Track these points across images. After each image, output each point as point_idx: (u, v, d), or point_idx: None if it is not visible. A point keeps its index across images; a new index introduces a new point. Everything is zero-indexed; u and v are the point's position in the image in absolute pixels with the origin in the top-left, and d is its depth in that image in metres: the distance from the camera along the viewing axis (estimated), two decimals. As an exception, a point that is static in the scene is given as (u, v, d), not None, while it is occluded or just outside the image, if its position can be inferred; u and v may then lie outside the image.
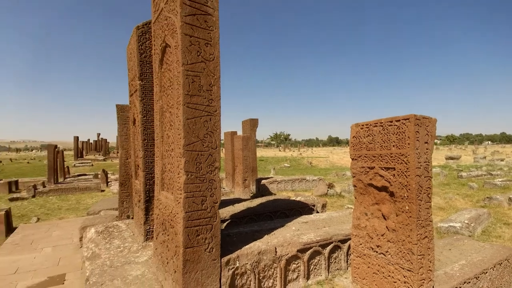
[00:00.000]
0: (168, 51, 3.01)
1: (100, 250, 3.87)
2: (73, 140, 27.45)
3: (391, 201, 2.56)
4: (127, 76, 4.69)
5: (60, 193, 10.91)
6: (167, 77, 3.11)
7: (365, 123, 2.71)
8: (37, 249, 4.88)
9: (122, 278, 3.02)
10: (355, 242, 2.91)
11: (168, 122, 3.13)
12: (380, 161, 2.56)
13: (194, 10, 2.64)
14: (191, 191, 2.69)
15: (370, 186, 2.73)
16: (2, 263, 4.31)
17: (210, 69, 2.78)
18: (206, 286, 2.74)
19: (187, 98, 2.66)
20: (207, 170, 2.80)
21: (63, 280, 3.71)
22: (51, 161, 12.81)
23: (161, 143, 3.32)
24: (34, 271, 4.01)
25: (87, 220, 5.29)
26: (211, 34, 2.77)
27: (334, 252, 3.63)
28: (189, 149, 2.69)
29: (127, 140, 5.35)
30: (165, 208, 3.10)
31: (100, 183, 12.17)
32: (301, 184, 10.98)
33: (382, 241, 2.65)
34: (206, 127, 2.79)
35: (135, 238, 4.26)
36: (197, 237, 2.72)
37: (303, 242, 3.38)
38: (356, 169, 2.82)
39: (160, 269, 3.13)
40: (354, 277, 2.94)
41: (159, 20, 3.14)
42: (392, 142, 2.45)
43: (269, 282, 3.19)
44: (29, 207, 8.97)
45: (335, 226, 4.01)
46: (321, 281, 3.48)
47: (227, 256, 2.94)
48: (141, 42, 3.92)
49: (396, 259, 2.53)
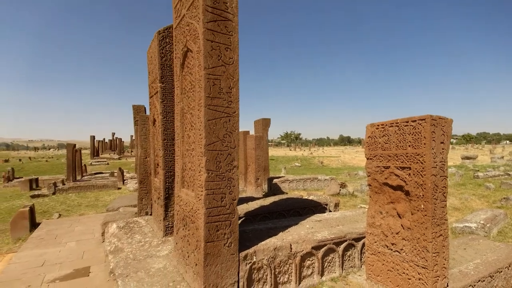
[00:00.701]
0: (190, 56, 3.15)
1: (122, 244, 4.07)
2: (90, 139, 28.28)
3: (407, 200, 2.62)
4: (147, 79, 4.88)
5: (79, 190, 11.33)
6: (188, 80, 3.25)
7: (381, 123, 2.78)
8: (62, 243, 5.15)
9: (145, 270, 3.20)
10: (370, 240, 2.98)
11: (188, 123, 3.28)
12: (396, 161, 2.63)
13: (215, 17, 2.77)
14: (212, 189, 2.83)
15: (385, 185, 2.79)
16: (29, 256, 4.58)
17: (229, 72, 2.91)
18: (225, 278, 2.87)
19: (208, 100, 2.80)
20: (226, 168, 2.93)
21: (88, 273, 3.93)
22: (70, 159, 13.31)
23: (182, 143, 3.47)
24: (60, 263, 4.25)
25: (108, 216, 5.53)
26: (231, 38, 2.89)
27: (348, 250, 3.70)
28: (210, 149, 2.82)
29: (146, 139, 5.56)
30: (186, 204, 3.26)
31: (116, 181, 12.56)
32: (312, 183, 11.02)
33: (397, 239, 2.71)
34: (226, 128, 2.92)
35: (155, 234, 4.45)
36: (217, 232, 2.85)
37: (317, 240, 3.47)
38: (371, 169, 2.89)
39: (180, 263, 3.29)
40: (369, 274, 3.01)
41: (181, 25, 3.29)
42: (408, 142, 2.51)
43: (285, 277, 3.30)
44: (50, 204, 9.36)
45: (349, 225, 4.07)
46: (335, 278, 3.56)
47: (245, 251, 3.06)
48: (161, 46, 4.09)
49: (411, 256, 2.59)
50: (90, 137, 28.41)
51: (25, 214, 6.26)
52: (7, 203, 9.77)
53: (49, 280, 3.72)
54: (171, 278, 3.04)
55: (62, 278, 3.76)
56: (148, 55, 4.76)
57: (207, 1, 2.71)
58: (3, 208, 8.95)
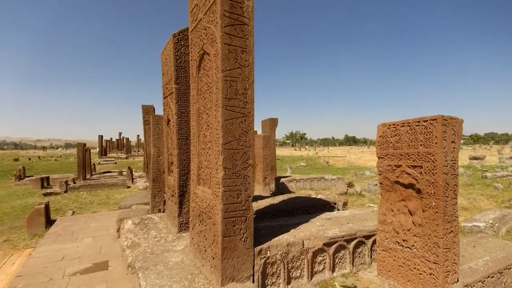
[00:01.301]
0: (206, 58, 3.28)
1: (139, 239, 4.22)
2: (98, 139, 28.70)
3: (418, 197, 2.71)
4: (161, 80, 5.02)
5: (90, 188, 11.58)
6: (205, 81, 3.38)
7: (392, 123, 2.87)
8: (78, 239, 5.33)
9: (163, 263, 3.33)
10: (381, 237, 3.07)
11: (205, 123, 3.41)
12: (407, 160, 2.72)
13: (232, 21, 2.88)
14: (228, 186, 2.95)
15: (396, 184, 2.88)
16: (49, 251, 4.76)
17: (245, 74, 3.03)
18: (241, 272, 2.99)
19: (225, 101, 2.92)
20: (242, 166, 3.05)
21: (106, 266, 4.09)
22: (80, 158, 13.59)
23: (198, 142, 3.60)
24: (79, 258, 4.42)
25: (123, 213, 5.69)
26: (247, 42, 3.01)
27: (358, 247, 3.79)
28: (227, 148, 2.94)
29: (159, 139, 5.71)
30: (202, 201, 3.38)
31: (126, 180, 12.79)
32: (319, 183, 11.10)
33: (408, 235, 2.80)
34: (241, 127, 3.04)
35: (169, 230, 4.59)
36: (233, 227, 2.97)
37: (328, 237, 3.57)
38: (383, 167, 2.98)
39: (197, 257, 3.42)
40: (380, 270, 3.10)
41: (197, 29, 3.42)
42: (420, 142, 2.60)
43: (297, 272, 3.41)
44: (63, 202, 9.60)
45: (359, 223, 4.16)
46: (345, 274, 3.66)
47: (259, 246, 3.18)
48: (176, 49, 4.22)
49: (422, 252, 2.68)
50: (98, 136, 28.83)
51: (41, 211, 6.46)
52: (20, 201, 10.04)
53: (70, 273, 3.89)
54: (189, 271, 3.17)
55: (82, 272, 3.92)
56: (162, 57, 4.91)
57: (224, 6, 2.83)
58: (17, 206, 9.21)
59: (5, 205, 9.42)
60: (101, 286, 3.50)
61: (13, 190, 12.79)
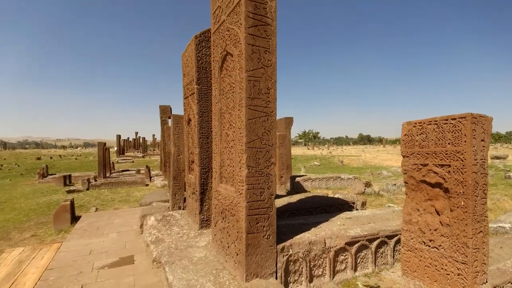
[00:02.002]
0: (229, 59, 3.34)
1: (162, 235, 4.35)
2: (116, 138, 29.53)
3: (445, 197, 2.67)
4: (182, 81, 5.14)
5: (110, 186, 11.95)
6: (227, 82, 3.45)
7: (418, 121, 2.84)
8: (104, 234, 5.54)
9: (188, 258, 3.43)
10: (406, 237, 3.04)
11: (227, 122, 3.48)
12: (434, 158, 2.68)
13: (256, 22, 2.93)
14: (252, 184, 3.00)
15: (422, 183, 2.85)
16: (77, 246, 4.98)
17: (268, 74, 3.07)
18: (264, 268, 3.04)
19: (248, 100, 2.97)
20: (264, 165, 3.09)
21: (132, 261, 4.24)
22: (101, 157, 14.04)
23: (220, 141, 3.68)
24: (106, 252, 4.60)
25: (145, 210, 5.87)
26: (270, 42, 3.04)
27: (380, 247, 3.76)
28: (250, 146, 3.00)
29: (179, 138, 5.84)
30: (225, 198, 3.45)
31: (144, 178, 13.11)
32: (335, 182, 11.00)
33: (435, 235, 2.76)
34: (264, 127, 3.08)
35: (191, 226, 4.70)
36: (257, 225, 3.02)
37: (350, 236, 3.57)
38: (408, 166, 2.95)
39: (220, 253, 3.50)
40: (405, 270, 3.07)
41: (220, 31, 3.48)
42: (448, 140, 2.56)
43: (319, 271, 3.43)
44: (85, 199, 9.97)
45: (381, 223, 4.13)
46: (368, 274, 3.64)
47: (282, 244, 3.22)
48: (198, 50, 4.31)
49: (450, 252, 2.64)
50: (117, 136, 29.65)
51: (67, 208, 6.75)
52: (44, 198, 10.50)
53: (98, 267, 4.06)
54: (213, 266, 3.25)
55: (110, 265, 4.08)
56: (183, 58, 5.02)
57: (248, 7, 2.88)
58: (42, 202, 9.64)
59: (31, 201, 9.88)
60: (129, 279, 3.63)
61: (37, 187, 13.37)
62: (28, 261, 4.55)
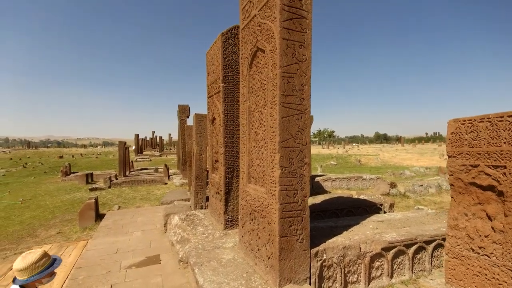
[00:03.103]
0: (260, 55, 3.22)
1: (188, 235, 4.30)
2: (134, 137, 30.18)
3: (499, 200, 2.44)
4: (206, 79, 5.08)
5: (131, 184, 12.16)
6: (257, 79, 3.33)
7: (468, 118, 2.62)
8: (129, 232, 5.58)
9: (217, 260, 3.35)
10: (452, 243, 2.83)
11: (256, 121, 3.37)
12: (487, 159, 2.46)
13: (291, 15, 2.80)
14: (285, 185, 2.87)
15: (471, 185, 2.63)
16: (103, 244, 5.03)
17: (302, 70, 2.93)
18: (298, 274, 2.91)
19: (282, 98, 2.84)
20: (298, 165, 2.96)
21: (159, 260, 4.22)
22: (121, 156, 14.33)
23: (248, 140, 3.57)
24: (132, 251, 4.61)
25: (168, 209, 5.87)
26: (305, 36, 2.90)
27: (418, 252, 3.55)
28: (283, 146, 2.87)
29: (202, 137, 5.80)
30: (254, 199, 3.35)
31: (163, 177, 13.27)
32: (357, 182, 10.70)
33: (486, 242, 2.54)
34: (298, 125, 2.95)
35: (215, 226, 4.64)
36: (290, 228, 2.90)
37: (387, 241, 3.38)
38: (455, 167, 2.74)
39: (248, 255, 3.40)
40: (449, 278, 2.86)
41: (250, 26, 3.37)
42: (503, 139, 2.34)
43: (354, 277, 3.26)
44: (108, 197, 10.16)
45: (416, 227, 3.90)
46: (405, 281, 3.44)
47: (315, 248, 3.08)
48: (224, 48, 4.23)
49: (503, 261, 2.42)
50: (135, 135, 30.28)
51: (92, 206, 6.87)
52: (68, 195, 10.79)
53: (126, 266, 4.06)
54: (243, 269, 3.15)
55: (137, 265, 4.08)
56: (208, 56, 4.96)
57: (284, 0, 2.75)
58: (66, 200, 9.90)
59: (55, 199, 10.17)
60: (157, 280, 3.60)
61: (61, 185, 13.79)
62: (57, 259, 4.63)
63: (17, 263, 1.85)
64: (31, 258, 1.87)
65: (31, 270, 1.84)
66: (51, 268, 1.95)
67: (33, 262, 1.86)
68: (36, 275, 1.86)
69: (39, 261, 1.88)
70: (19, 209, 8.55)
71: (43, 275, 1.89)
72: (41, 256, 1.91)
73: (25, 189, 12.66)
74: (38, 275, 1.86)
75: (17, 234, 6.10)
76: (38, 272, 1.87)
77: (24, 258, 1.87)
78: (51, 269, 1.95)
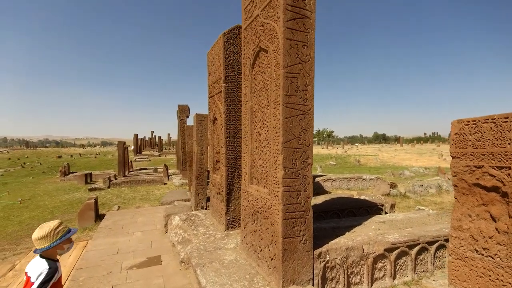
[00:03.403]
0: (263, 55, 3.21)
1: (189, 235, 4.28)
2: (133, 137, 30.10)
3: (503, 202, 2.44)
4: (207, 79, 5.06)
5: (130, 184, 12.11)
6: (260, 79, 3.31)
7: (472, 119, 2.61)
8: (129, 233, 5.55)
9: (219, 261, 3.33)
10: (455, 244, 2.82)
11: (259, 121, 3.35)
12: (491, 160, 2.46)
13: (294, 15, 2.78)
14: (288, 186, 2.86)
15: (475, 186, 2.63)
16: (104, 245, 4.99)
17: (306, 70, 2.91)
18: (301, 275, 2.90)
19: (285, 98, 2.82)
20: (301, 166, 2.94)
21: (160, 261, 4.19)
22: (120, 156, 14.29)
23: (251, 141, 3.55)
24: (133, 252, 4.58)
25: (168, 209, 5.85)
26: (308, 36, 2.89)
27: (420, 253, 3.54)
28: (287, 146, 2.85)
29: (202, 137, 5.77)
30: (256, 200, 3.33)
31: (162, 177, 13.23)
32: (357, 183, 10.69)
33: (490, 243, 2.54)
34: (301, 125, 2.93)
35: (216, 227, 4.62)
36: (293, 229, 2.88)
37: (390, 242, 3.37)
38: (458, 168, 2.73)
39: (251, 256, 3.38)
40: (452, 279, 2.86)
41: (252, 26, 3.36)
42: (508, 140, 2.33)
43: (357, 278, 3.25)
44: (107, 197, 10.11)
45: (418, 227, 3.90)
46: (407, 282, 3.43)
47: (318, 249, 3.07)
48: (226, 48, 4.21)
49: (508, 262, 2.41)
50: (134, 135, 30.21)
51: (91, 206, 6.83)
52: (67, 195, 10.73)
53: (127, 267, 4.04)
54: (246, 270, 3.14)
55: (138, 266, 4.05)
56: (209, 56, 4.93)
57: (287, 0, 2.74)
58: (65, 200, 9.85)
59: (54, 199, 10.12)
60: (158, 281, 3.58)
61: (59, 185, 13.73)
62: (57, 259, 4.60)
63: (37, 233, 1.98)
64: (50, 226, 2.01)
65: (52, 236, 1.98)
66: (68, 234, 2.09)
67: (53, 228, 2.00)
68: (57, 240, 1.99)
69: (58, 227, 2.03)
70: (18, 209, 8.50)
71: (63, 239, 2.03)
72: (59, 224, 2.06)
73: (24, 189, 12.59)
74: (59, 240, 2.00)
75: (16, 234, 6.06)
76: (59, 238, 2.01)
77: (42, 227, 2.01)
78: (69, 234, 2.10)
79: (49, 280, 1.92)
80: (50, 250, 2.00)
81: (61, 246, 2.04)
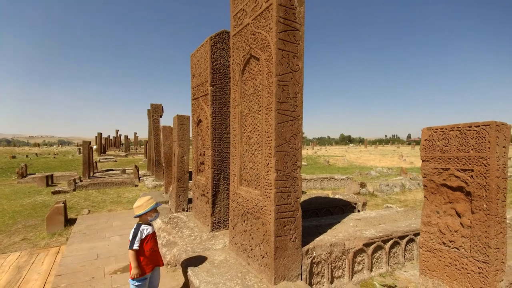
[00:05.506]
0: (254, 62, 3.34)
1: (174, 238, 4.27)
2: (97, 136, 28.45)
3: (467, 200, 2.82)
4: (190, 81, 5.06)
5: (98, 187, 11.52)
6: (250, 85, 3.44)
7: (440, 127, 2.97)
8: (106, 237, 5.35)
9: (209, 262, 3.40)
10: (425, 238, 3.18)
11: (249, 125, 3.47)
12: (457, 163, 2.82)
13: (285, 27, 2.95)
14: (280, 187, 3.02)
15: (443, 186, 2.99)
16: (80, 250, 4.78)
17: (296, 79, 3.10)
18: (291, 271, 3.08)
19: (278, 104, 2.98)
20: (291, 168, 3.12)
21: (144, 265, 4.12)
22: (85, 156, 13.50)
23: (240, 144, 3.66)
24: (114, 256, 4.45)
25: (148, 212, 5.72)
26: (298, 47, 3.08)
27: (393, 247, 3.91)
28: (279, 150, 3.02)
29: (184, 139, 5.74)
30: (247, 201, 3.45)
31: (133, 178, 12.75)
32: (329, 182, 11.23)
33: (456, 236, 2.91)
34: (291, 130, 3.11)
35: (201, 228, 4.65)
36: (284, 228, 3.05)
37: (367, 237, 3.68)
38: (428, 170, 3.08)
39: (241, 255, 3.49)
40: (423, 269, 3.21)
41: (243, 34, 3.47)
42: (471, 146, 2.71)
43: (339, 272, 3.51)
44: (74, 200, 9.55)
45: (390, 224, 4.28)
46: (382, 274, 3.77)
47: (306, 246, 3.27)
48: (213, 52, 4.27)
49: (471, 252, 2.79)
50: (98, 134, 28.58)
51: (60, 210, 6.45)
52: (28, 199, 9.95)
53: (110, 271, 3.92)
54: (237, 269, 3.24)
55: (122, 270, 3.96)
56: (193, 59, 4.94)
57: (280, 13, 2.90)
58: (26, 204, 9.13)
59: (14, 203, 9.34)
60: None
61: (17, 188, 12.65)
62: (28, 267, 4.33)
63: (137, 203, 2.87)
64: (145, 198, 2.89)
65: (146, 205, 2.83)
66: (156, 205, 2.93)
67: (147, 200, 2.87)
68: (149, 208, 2.82)
69: (149, 199, 2.88)
70: (-28, 215, 7.73)
71: (152, 208, 2.85)
72: (150, 197, 2.92)
73: (-25, 193, 11.41)
74: (150, 208, 2.82)
75: (-26, 242, 5.54)
76: (150, 207, 2.83)
77: (140, 199, 2.89)
78: (157, 205, 2.94)
79: (135, 236, 2.73)
80: (143, 216, 2.83)
81: (150, 214, 2.86)
